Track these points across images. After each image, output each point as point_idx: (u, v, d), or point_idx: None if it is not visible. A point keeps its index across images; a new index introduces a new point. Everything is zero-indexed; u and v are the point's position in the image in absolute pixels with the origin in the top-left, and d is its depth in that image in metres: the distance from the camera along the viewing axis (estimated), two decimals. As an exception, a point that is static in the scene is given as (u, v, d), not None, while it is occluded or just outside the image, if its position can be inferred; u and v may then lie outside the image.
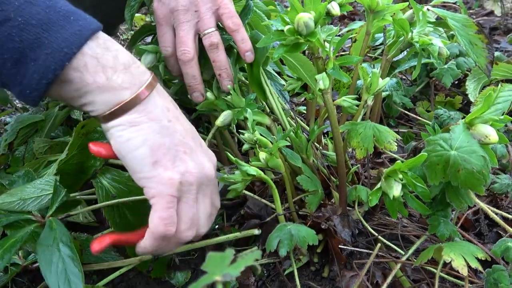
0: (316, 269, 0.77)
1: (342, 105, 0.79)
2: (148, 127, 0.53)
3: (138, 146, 0.53)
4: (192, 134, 0.59)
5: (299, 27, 0.60)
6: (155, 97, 0.55)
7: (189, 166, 0.56)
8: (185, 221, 0.56)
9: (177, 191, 0.54)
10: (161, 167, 0.54)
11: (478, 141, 0.61)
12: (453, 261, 0.56)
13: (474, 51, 0.98)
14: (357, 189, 0.78)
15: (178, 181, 0.54)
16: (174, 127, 0.56)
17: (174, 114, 0.57)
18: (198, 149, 0.58)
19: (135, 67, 0.54)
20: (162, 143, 0.54)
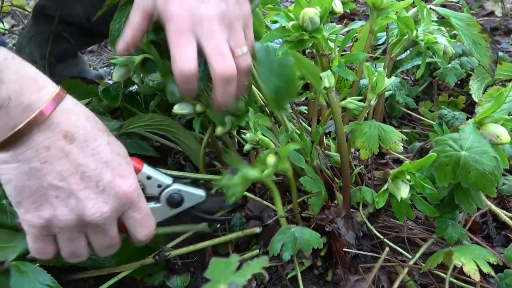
0: (319, 273, 0.75)
1: (348, 107, 0.77)
2: (15, 168, 0.50)
3: (5, 183, 0.51)
4: (82, 174, 0.51)
5: (304, 23, 0.58)
6: (33, 136, 0.49)
7: (58, 212, 0.51)
8: (65, 252, 0.55)
9: (41, 232, 0.53)
10: (23, 208, 0.51)
11: (489, 141, 0.59)
12: (464, 266, 0.54)
13: (477, 50, 0.96)
14: (362, 191, 0.76)
15: (39, 225, 0.52)
16: (48, 168, 0.50)
17: (57, 152, 0.50)
18: (82, 192, 0.51)
19: (14, 105, 0.47)
20: (27, 185, 0.50)
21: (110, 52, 1.95)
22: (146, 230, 0.58)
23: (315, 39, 0.61)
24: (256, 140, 0.70)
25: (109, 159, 0.53)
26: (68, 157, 0.51)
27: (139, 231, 0.57)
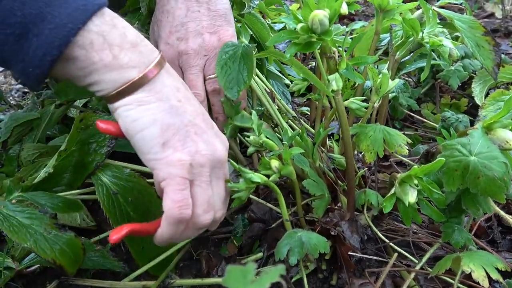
0: (324, 277, 0.74)
1: (350, 107, 0.76)
2: (157, 106, 0.52)
3: (147, 126, 0.51)
4: (203, 116, 0.57)
5: (313, 25, 0.58)
6: (163, 76, 0.53)
7: (200, 148, 0.54)
8: (201, 204, 0.55)
9: (188, 173, 0.53)
10: (171, 148, 0.52)
11: (497, 146, 0.59)
12: (473, 272, 0.54)
13: (481, 53, 0.95)
14: (367, 193, 0.75)
15: (188, 162, 0.52)
16: (184, 107, 0.54)
17: (184, 94, 0.55)
18: (209, 131, 0.57)
19: (143, 45, 0.52)
20: (171, 123, 0.52)
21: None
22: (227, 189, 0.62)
23: (324, 41, 0.61)
24: (260, 143, 0.69)
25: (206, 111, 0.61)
26: (190, 100, 0.56)
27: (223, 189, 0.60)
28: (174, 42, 0.70)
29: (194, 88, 0.70)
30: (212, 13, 0.70)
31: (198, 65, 0.70)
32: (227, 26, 0.72)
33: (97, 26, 0.48)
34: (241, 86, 0.68)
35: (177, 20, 0.70)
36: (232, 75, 0.68)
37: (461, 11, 1.84)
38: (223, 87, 0.68)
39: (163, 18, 0.72)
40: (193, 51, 0.69)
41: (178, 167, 0.52)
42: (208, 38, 0.70)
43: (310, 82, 0.95)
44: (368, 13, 2.17)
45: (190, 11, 0.69)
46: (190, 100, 0.56)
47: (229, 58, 0.69)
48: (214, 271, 0.81)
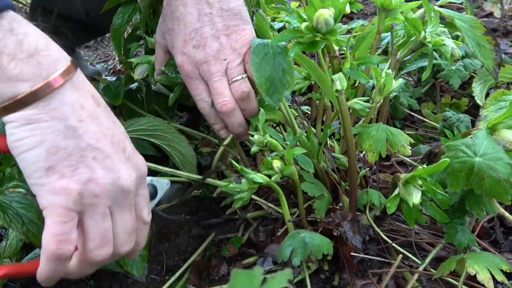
0: (326, 277, 0.74)
1: (353, 107, 0.76)
2: (49, 126, 0.46)
3: (31, 147, 0.45)
4: (111, 138, 0.50)
5: (318, 24, 0.57)
6: (66, 91, 0.47)
7: (97, 175, 0.48)
8: (93, 238, 0.49)
9: (75, 203, 0.46)
10: (55, 174, 0.46)
11: (502, 147, 0.58)
12: (478, 274, 0.54)
13: (481, 52, 0.95)
14: (369, 193, 0.75)
15: (76, 192, 0.46)
16: (85, 127, 0.48)
17: (90, 113, 0.49)
18: (116, 156, 0.50)
19: (44, 55, 0.46)
20: (62, 146, 0.46)
21: (106, 47, 1.92)
22: (149, 210, 0.56)
23: (328, 40, 0.60)
24: (264, 142, 0.69)
25: (123, 129, 0.53)
26: (99, 120, 0.50)
27: (145, 211, 0.55)
28: (191, 51, 0.66)
29: (221, 96, 0.66)
30: (226, 13, 0.66)
31: (219, 71, 0.66)
32: (244, 24, 0.67)
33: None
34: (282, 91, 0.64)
35: (189, 27, 0.65)
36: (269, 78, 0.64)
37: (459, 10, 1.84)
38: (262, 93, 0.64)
39: (174, 26, 0.67)
40: (212, 57, 0.65)
41: (62, 196, 0.46)
42: (225, 41, 0.65)
43: (311, 81, 0.95)
44: (367, 12, 2.16)
45: (201, 15, 0.65)
46: (99, 119, 0.49)
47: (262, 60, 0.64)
48: (214, 272, 0.80)
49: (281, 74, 0.65)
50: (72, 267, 0.50)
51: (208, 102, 0.69)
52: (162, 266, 0.84)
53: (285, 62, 0.64)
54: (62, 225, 0.46)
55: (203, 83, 0.68)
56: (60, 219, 0.46)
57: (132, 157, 0.52)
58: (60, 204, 0.46)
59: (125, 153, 0.52)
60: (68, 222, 0.46)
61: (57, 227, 0.46)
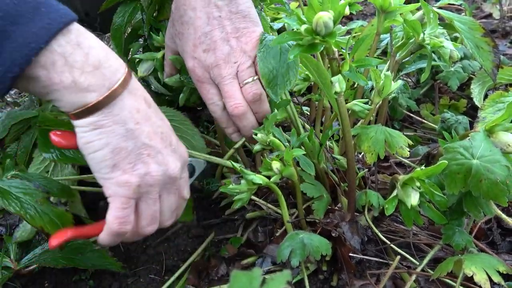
0: (324, 278, 0.74)
1: (353, 109, 0.76)
2: (112, 130, 0.53)
3: (98, 148, 0.53)
4: (161, 134, 0.58)
5: (317, 27, 0.57)
6: (124, 98, 0.54)
7: (151, 169, 0.56)
8: (145, 218, 0.59)
9: (134, 193, 0.56)
10: (119, 170, 0.55)
11: (500, 149, 0.59)
12: (475, 275, 0.54)
13: (480, 54, 0.96)
14: (368, 194, 0.75)
15: (135, 184, 0.55)
16: (140, 129, 0.55)
17: (143, 114, 0.56)
18: (165, 150, 0.58)
19: (106, 67, 0.52)
20: (124, 147, 0.54)
21: (106, 47, 1.92)
22: (188, 189, 0.65)
23: (327, 43, 0.60)
24: (267, 142, 0.69)
25: (169, 124, 0.61)
26: (150, 120, 0.57)
27: (186, 191, 0.64)
28: (201, 55, 0.66)
29: (232, 99, 0.67)
30: (235, 15, 0.66)
31: (230, 74, 0.66)
32: (253, 26, 0.67)
33: (61, 46, 0.49)
34: (283, 85, 0.66)
35: (199, 31, 0.65)
36: (273, 70, 0.65)
37: (458, 11, 1.84)
38: (264, 83, 0.65)
39: (183, 30, 0.68)
40: (222, 61, 0.66)
41: (125, 188, 0.55)
42: (235, 43, 0.66)
43: (311, 83, 0.96)
44: (366, 12, 2.17)
45: (211, 18, 0.65)
46: (151, 119, 0.57)
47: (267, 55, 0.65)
48: (213, 272, 0.81)
49: (285, 69, 0.66)
50: (126, 237, 0.60)
51: (219, 105, 0.70)
52: (162, 266, 0.84)
53: (292, 61, 0.64)
54: (123, 211, 0.56)
55: (214, 86, 0.68)
56: (122, 206, 0.56)
57: (177, 149, 0.61)
58: (122, 194, 0.55)
59: (172, 145, 0.60)
60: (127, 208, 0.56)
61: (119, 211, 0.56)
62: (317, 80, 0.72)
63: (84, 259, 0.77)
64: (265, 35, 0.67)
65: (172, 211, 0.63)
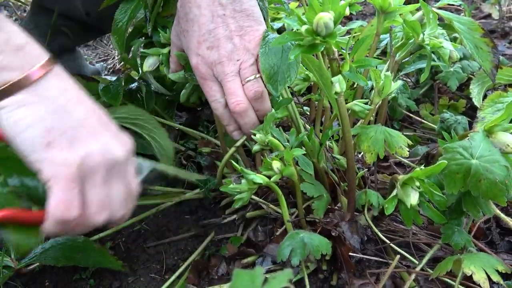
0: (324, 277, 0.75)
1: (353, 109, 0.76)
2: (41, 107, 0.51)
3: (30, 125, 0.50)
4: (98, 116, 0.56)
5: (318, 28, 0.58)
6: (50, 79, 0.52)
7: (92, 148, 0.53)
8: (94, 204, 0.54)
9: (76, 173, 0.51)
10: (55, 149, 0.50)
11: (499, 149, 0.59)
12: (474, 274, 0.55)
13: (479, 54, 0.96)
14: (367, 194, 0.76)
15: (76, 163, 0.51)
16: (73, 106, 0.53)
17: (74, 94, 0.54)
18: (105, 132, 0.55)
19: (28, 50, 0.52)
20: (56, 123, 0.51)
21: (106, 46, 1.92)
22: (137, 183, 0.61)
23: (328, 43, 0.61)
24: (265, 142, 0.69)
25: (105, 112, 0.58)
26: (84, 102, 0.55)
27: (134, 183, 0.60)
28: (205, 52, 0.67)
29: (234, 96, 0.67)
30: (239, 14, 0.67)
31: (232, 71, 0.67)
32: (257, 25, 0.68)
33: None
34: (283, 82, 0.66)
35: (203, 29, 0.67)
36: (274, 66, 0.66)
37: (458, 12, 1.84)
38: (264, 78, 0.66)
39: (188, 28, 0.69)
40: (225, 58, 0.66)
41: (64, 167, 0.51)
42: (239, 42, 0.67)
43: (311, 83, 0.96)
44: (365, 12, 2.17)
45: (215, 16, 0.66)
46: (84, 102, 0.55)
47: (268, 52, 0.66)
48: (213, 271, 0.81)
49: (286, 66, 0.67)
50: (73, 228, 0.54)
51: (221, 103, 0.70)
52: (162, 265, 0.85)
53: (293, 58, 0.64)
54: (66, 193, 0.51)
55: (217, 84, 0.69)
56: (64, 188, 0.51)
57: (119, 134, 0.58)
58: (63, 174, 0.50)
59: (112, 130, 0.57)
60: (71, 190, 0.51)
61: (62, 195, 0.51)
62: (318, 80, 0.73)
63: (84, 257, 0.77)
64: (268, 32, 0.68)
65: (121, 200, 0.58)
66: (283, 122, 1.11)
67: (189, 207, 0.97)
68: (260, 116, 0.70)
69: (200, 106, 1.20)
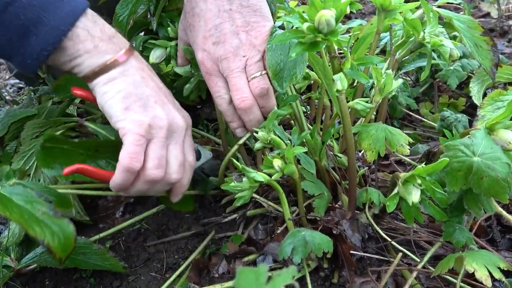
0: (325, 275, 0.75)
1: (355, 108, 0.76)
2: (122, 81, 0.63)
3: (112, 96, 0.63)
4: (165, 92, 0.69)
5: (320, 25, 0.57)
6: (131, 61, 0.66)
7: (159, 113, 0.65)
8: (152, 159, 0.64)
9: (146, 132, 0.63)
10: (131, 111, 0.63)
11: (500, 147, 0.59)
12: (476, 272, 0.55)
13: (479, 53, 0.96)
14: (368, 192, 0.76)
15: (147, 123, 0.63)
16: (146, 81, 0.66)
17: (148, 73, 0.67)
18: (170, 104, 0.68)
19: (117, 38, 0.65)
20: (133, 92, 0.64)
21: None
22: (194, 156, 0.72)
23: (329, 41, 0.60)
24: (268, 140, 0.69)
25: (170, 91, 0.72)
26: (153, 78, 0.68)
27: (191, 155, 0.71)
28: (211, 47, 0.67)
29: (240, 92, 0.67)
30: (245, 9, 0.67)
31: (238, 67, 0.67)
32: (264, 21, 0.68)
33: (82, 23, 0.61)
34: (288, 78, 0.66)
35: (209, 24, 0.67)
36: (280, 63, 0.66)
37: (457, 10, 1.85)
38: (270, 74, 0.65)
39: (194, 22, 0.69)
40: (231, 54, 0.66)
41: (137, 125, 0.63)
42: (245, 37, 0.66)
43: (311, 81, 0.96)
44: (365, 11, 2.17)
45: (221, 11, 0.66)
46: (153, 78, 0.68)
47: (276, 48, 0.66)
48: (214, 269, 0.81)
49: (292, 63, 0.66)
50: (135, 183, 0.66)
51: (226, 99, 0.70)
52: (163, 264, 0.85)
53: (300, 56, 0.65)
54: (135, 147, 0.63)
55: (222, 79, 0.69)
56: (135, 142, 0.63)
57: (180, 110, 0.71)
58: (135, 131, 0.63)
59: (175, 104, 0.70)
60: (139, 145, 0.63)
61: (132, 147, 0.63)
62: (322, 78, 0.73)
63: (85, 259, 0.77)
64: (275, 28, 0.68)
65: (178, 164, 0.67)
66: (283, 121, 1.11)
67: (189, 206, 0.97)
68: (265, 113, 0.70)
69: (200, 104, 1.19)
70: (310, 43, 0.61)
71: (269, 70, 0.65)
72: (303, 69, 0.66)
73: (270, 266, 0.76)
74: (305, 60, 0.67)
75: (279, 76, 0.65)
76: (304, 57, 0.66)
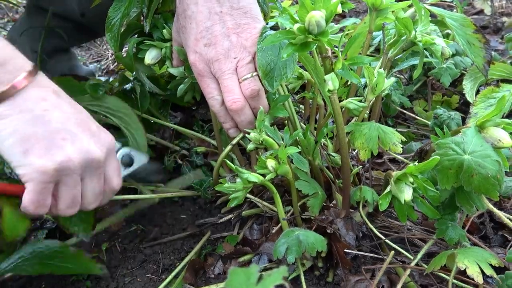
0: (320, 274, 0.75)
1: (348, 107, 0.77)
2: (18, 118, 0.55)
3: (7, 137, 0.54)
4: (75, 120, 0.60)
5: (310, 26, 0.58)
6: (28, 90, 0.57)
7: (68, 152, 0.57)
8: (64, 200, 0.60)
9: (51, 177, 0.56)
10: (32, 155, 0.55)
11: (491, 144, 0.60)
12: (467, 269, 0.55)
13: (471, 50, 0.97)
14: (362, 190, 0.76)
15: (51, 168, 0.56)
16: (49, 115, 0.57)
17: (52, 103, 0.58)
18: (82, 134, 0.60)
19: (11, 64, 0.56)
20: (32, 132, 0.55)
21: (99, 47, 1.92)
22: (119, 179, 0.67)
23: (320, 42, 0.61)
24: (260, 140, 0.69)
25: (87, 113, 0.64)
26: (61, 107, 0.59)
27: (115, 179, 0.66)
28: (202, 49, 0.67)
29: (231, 94, 0.67)
30: (236, 11, 0.67)
31: (229, 69, 0.67)
32: (254, 23, 0.68)
33: None
34: (279, 78, 0.66)
35: (201, 26, 0.67)
36: (271, 63, 0.66)
37: (450, 8, 1.85)
38: (260, 74, 0.66)
39: (186, 24, 0.69)
40: (222, 56, 0.66)
41: (40, 173, 0.55)
42: (236, 39, 0.66)
43: (304, 81, 0.96)
44: (359, 10, 2.18)
45: (212, 13, 0.66)
46: (61, 107, 0.59)
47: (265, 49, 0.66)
48: (210, 270, 0.81)
49: (282, 63, 0.67)
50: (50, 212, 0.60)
51: (218, 100, 0.70)
52: (158, 265, 0.85)
53: (290, 56, 0.64)
54: (38, 195, 0.56)
55: (214, 81, 0.69)
56: (37, 190, 0.56)
57: (98, 134, 0.62)
58: (39, 179, 0.55)
59: (91, 130, 0.61)
60: (44, 192, 0.57)
61: (34, 195, 0.56)
62: (314, 78, 0.73)
63: (60, 263, 0.74)
64: (266, 29, 0.68)
65: (95, 195, 0.63)
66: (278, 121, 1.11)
67: (185, 207, 0.98)
68: (256, 113, 0.70)
69: (195, 106, 1.20)
70: (301, 44, 0.62)
71: (259, 70, 0.66)
72: (294, 69, 0.66)
73: (265, 266, 0.76)
74: (295, 60, 0.67)
75: (270, 76, 0.66)
76: (294, 57, 0.67)
